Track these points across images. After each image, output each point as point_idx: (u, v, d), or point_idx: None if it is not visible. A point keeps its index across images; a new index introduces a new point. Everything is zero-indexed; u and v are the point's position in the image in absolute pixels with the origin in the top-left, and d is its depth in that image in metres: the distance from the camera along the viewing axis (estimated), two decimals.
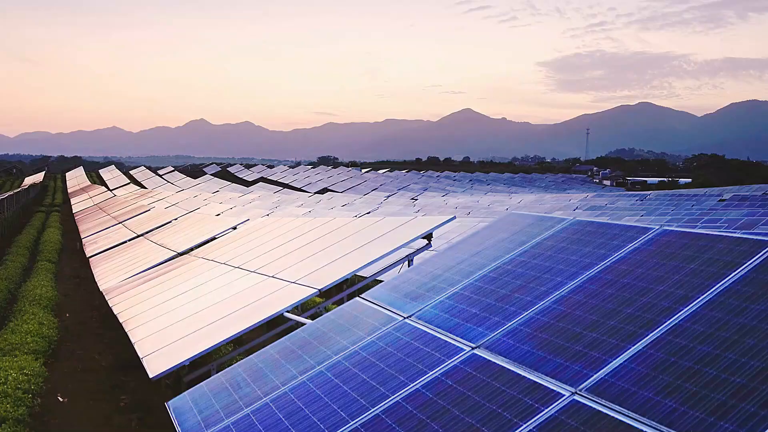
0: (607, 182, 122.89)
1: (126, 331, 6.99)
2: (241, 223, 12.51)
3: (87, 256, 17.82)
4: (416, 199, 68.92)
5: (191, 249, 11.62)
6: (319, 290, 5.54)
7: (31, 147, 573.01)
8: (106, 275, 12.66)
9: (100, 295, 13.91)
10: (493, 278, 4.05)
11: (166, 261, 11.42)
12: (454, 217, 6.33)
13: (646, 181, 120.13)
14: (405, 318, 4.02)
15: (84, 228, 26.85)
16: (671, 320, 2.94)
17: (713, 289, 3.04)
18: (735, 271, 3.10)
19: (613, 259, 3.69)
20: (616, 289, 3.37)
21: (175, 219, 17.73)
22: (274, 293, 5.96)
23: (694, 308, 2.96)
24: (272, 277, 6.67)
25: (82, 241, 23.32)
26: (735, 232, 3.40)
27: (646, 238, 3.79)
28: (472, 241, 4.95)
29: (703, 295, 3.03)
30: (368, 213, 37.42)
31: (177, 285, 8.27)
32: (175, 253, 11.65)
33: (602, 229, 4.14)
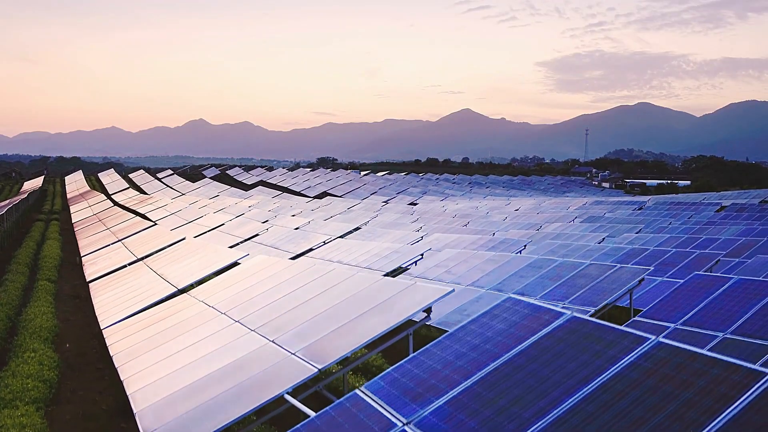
0: (606, 184, 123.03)
1: (127, 393, 7.03)
2: (243, 257, 12.54)
3: (87, 280, 17.85)
4: (415, 204, 68.96)
5: (191, 286, 11.66)
6: (319, 370, 5.58)
7: (30, 147, 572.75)
8: (106, 308, 12.70)
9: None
10: (492, 383, 4.10)
11: (166, 298, 11.47)
12: (453, 290, 6.37)
13: (645, 183, 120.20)
14: (404, 425, 4.07)
15: (83, 244, 26.88)
16: None
17: (708, 428, 3.09)
18: (730, 407, 3.15)
19: (610, 375, 3.74)
20: (612, 415, 3.42)
21: (175, 243, 17.78)
22: (275, 365, 6.00)
23: None
24: (272, 342, 6.71)
25: (81, 259, 23.36)
26: (728, 360, 3.45)
27: (642, 351, 3.83)
28: (471, 329, 4.99)
29: None
30: (366, 223, 37.45)
31: (178, 336, 8.31)
32: (176, 290, 11.70)
33: (599, 332, 4.18)
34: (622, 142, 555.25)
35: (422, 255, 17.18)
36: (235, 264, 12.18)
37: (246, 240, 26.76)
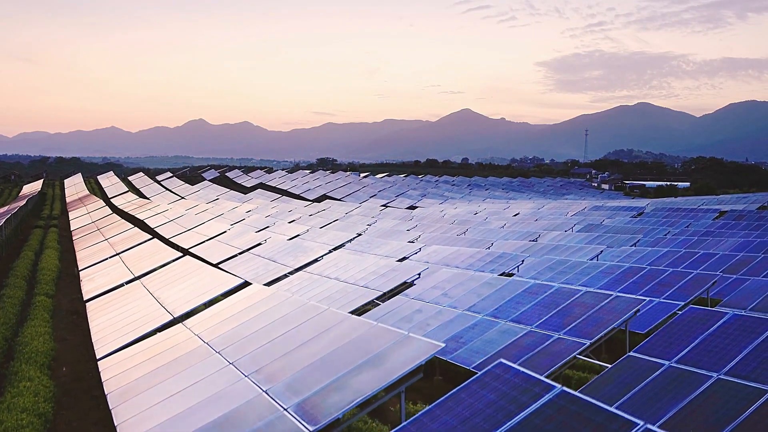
0: (605, 186, 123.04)
1: None
2: (239, 285, 12.54)
3: (84, 298, 17.85)
4: (415, 207, 69.02)
5: (187, 315, 11.67)
6: None
7: (29, 147, 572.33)
8: (103, 334, 12.71)
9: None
10: None
11: (162, 327, 11.49)
12: (445, 345, 6.34)
13: (644, 185, 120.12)
14: None
15: (81, 256, 26.88)
16: None
17: None
18: None
19: None
20: None
21: (172, 261, 17.80)
22: (268, 423, 5.97)
23: None
24: (265, 392, 6.70)
25: (79, 273, 23.37)
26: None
27: None
28: (461, 398, 4.99)
29: None
30: (365, 231, 37.49)
31: (172, 377, 8.30)
32: (171, 318, 11.71)
33: (588, 412, 4.18)
34: (622, 143, 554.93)
35: (419, 274, 17.19)
36: (233, 290, 12.19)
37: (244, 251, 26.77)
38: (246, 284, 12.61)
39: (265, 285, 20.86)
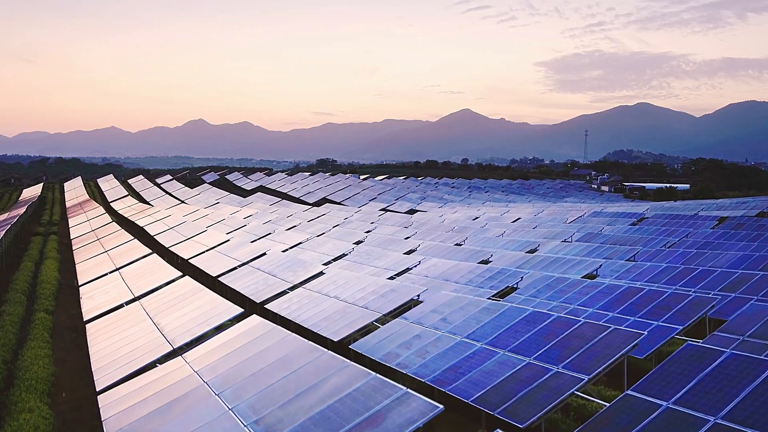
0: (605, 188, 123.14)
1: None
2: (239, 314, 12.58)
3: (84, 319, 17.89)
4: (414, 211, 69.11)
5: (187, 345, 11.71)
6: None
7: (29, 147, 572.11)
8: (102, 363, 12.75)
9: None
10: None
11: (162, 358, 11.53)
12: (443, 408, 6.34)
13: (644, 186, 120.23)
14: None
15: (81, 269, 26.91)
16: None
17: None
18: None
19: None
20: None
21: (172, 281, 17.85)
22: None
23: None
24: None
25: (79, 289, 23.42)
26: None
27: None
28: None
29: None
30: (363, 239, 37.52)
31: (170, 421, 8.33)
32: (171, 349, 11.74)
33: None
34: (622, 143, 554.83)
35: (419, 296, 17.23)
36: (234, 319, 12.25)
37: (244, 264, 26.80)
38: (246, 314, 12.65)
39: (265, 301, 20.98)
